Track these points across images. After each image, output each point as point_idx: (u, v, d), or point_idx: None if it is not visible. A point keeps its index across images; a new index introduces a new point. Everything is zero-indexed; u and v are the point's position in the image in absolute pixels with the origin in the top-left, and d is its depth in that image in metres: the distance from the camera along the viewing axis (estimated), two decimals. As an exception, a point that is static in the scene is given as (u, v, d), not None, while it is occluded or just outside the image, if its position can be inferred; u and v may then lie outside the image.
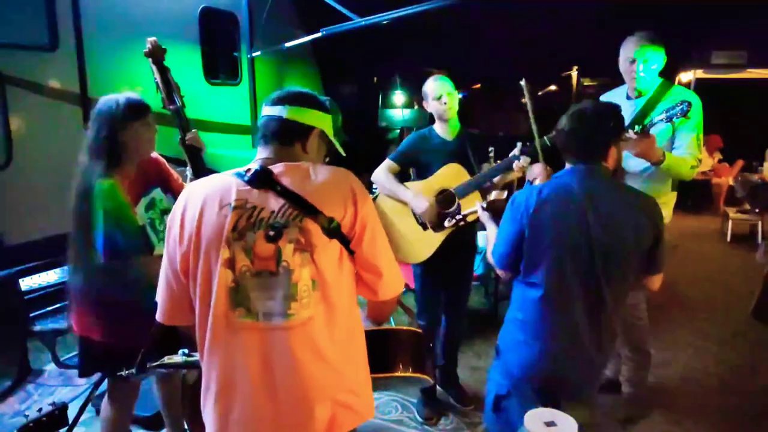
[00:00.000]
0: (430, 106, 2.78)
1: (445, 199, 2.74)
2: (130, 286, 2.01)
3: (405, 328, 1.72)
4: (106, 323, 2.08)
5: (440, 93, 2.71)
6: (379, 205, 2.81)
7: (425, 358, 1.69)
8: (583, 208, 1.71)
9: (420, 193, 2.72)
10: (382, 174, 2.80)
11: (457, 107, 2.75)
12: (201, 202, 1.29)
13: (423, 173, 2.81)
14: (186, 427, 2.33)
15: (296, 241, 1.25)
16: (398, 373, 1.59)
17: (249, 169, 1.32)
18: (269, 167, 1.32)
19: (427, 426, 2.86)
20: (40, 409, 1.62)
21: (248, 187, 1.29)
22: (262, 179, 1.29)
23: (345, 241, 1.32)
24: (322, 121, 1.42)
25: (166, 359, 1.73)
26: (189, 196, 1.34)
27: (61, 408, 1.65)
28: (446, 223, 2.60)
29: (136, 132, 2.03)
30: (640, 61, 2.53)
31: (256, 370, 1.27)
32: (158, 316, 1.38)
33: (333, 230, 1.28)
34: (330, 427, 1.32)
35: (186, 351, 1.72)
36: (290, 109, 1.37)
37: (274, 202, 1.27)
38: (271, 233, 1.25)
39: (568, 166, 1.85)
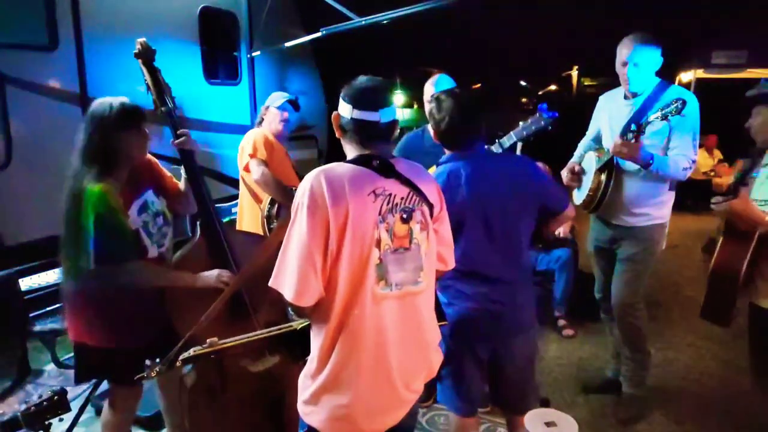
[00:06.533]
0: (426, 107, 2.75)
1: None
2: (122, 291, 1.99)
3: None
4: (99, 328, 2.07)
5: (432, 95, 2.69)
6: None
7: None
8: (499, 176, 1.96)
9: None
10: None
11: None
12: (345, 188, 1.42)
13: None
14: (186, 427, 2.32)
15: (421, 222, 1.53)
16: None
17: (370, 162, 1.49)
18: (388, 161, 1.52)
19: (427, 426, 2.86)
20: (40, 395, 1.63)
21: (381, 177, 1.48)
22: (389, 170, 1.50)
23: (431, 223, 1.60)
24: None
25: (192, 351, 1.71)
26: (327, 182, 1.42)
27: (61, 393, 1.66)
28: None
29: (128, 140, 1.99)
30: (632, 64, 2.54)
31: (391, 330, 1.50)
32: (293, 297, 1.42)
33: (431, 214, 1.57)
34: (433, 368, 1.66)
35: (215, 339, 1.71)
36: (384, 113, 1.51)
37: (402, 190, 1.50)
38: (405, 216, 1.49)
39: (447, 151, 2.02)
